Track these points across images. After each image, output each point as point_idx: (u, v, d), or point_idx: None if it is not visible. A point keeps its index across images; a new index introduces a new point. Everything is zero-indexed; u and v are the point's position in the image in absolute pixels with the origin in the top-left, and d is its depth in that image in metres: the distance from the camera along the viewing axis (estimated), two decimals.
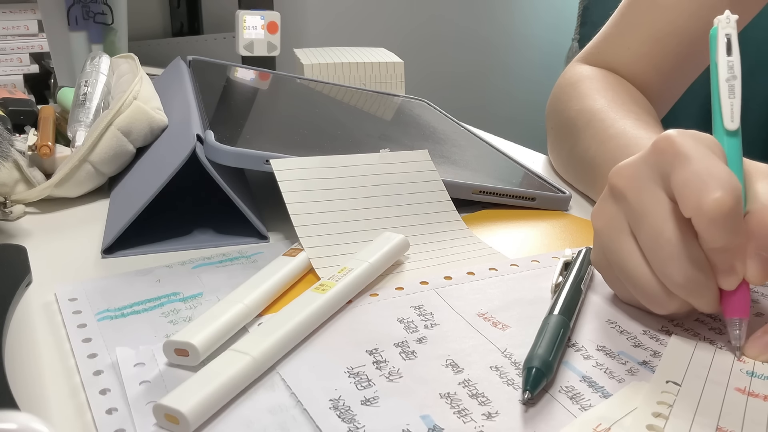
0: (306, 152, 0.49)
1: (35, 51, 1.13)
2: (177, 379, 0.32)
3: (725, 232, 0.31)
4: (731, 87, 0.34)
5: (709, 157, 0.32)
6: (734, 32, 0.35)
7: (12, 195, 0.53)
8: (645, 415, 0.29)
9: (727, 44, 0.35)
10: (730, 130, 0.35)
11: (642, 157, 0.35)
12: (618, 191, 0.36)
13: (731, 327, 0.34)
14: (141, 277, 0.42)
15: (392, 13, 1.77)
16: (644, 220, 0.34)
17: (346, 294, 0.39)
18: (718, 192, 0.31)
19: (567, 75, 0.66)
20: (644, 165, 0.35)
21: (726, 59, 0.35)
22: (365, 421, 0.29)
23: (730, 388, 0.31)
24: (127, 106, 0.56)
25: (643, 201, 0.34)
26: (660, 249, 0.33)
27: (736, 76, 0.34)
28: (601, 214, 0.37)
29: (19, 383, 0.33)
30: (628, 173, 0.35)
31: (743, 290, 0.33)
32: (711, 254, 0.33)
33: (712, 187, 0.31)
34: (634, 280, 0.35)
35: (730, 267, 0.33)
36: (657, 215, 0.33)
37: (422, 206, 0.50)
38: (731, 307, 0.34)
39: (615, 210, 0.36)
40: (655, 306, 0.35)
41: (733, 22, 0.35)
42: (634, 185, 0.35)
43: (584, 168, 0.57)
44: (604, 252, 0.37)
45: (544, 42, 1.95)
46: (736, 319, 0.34)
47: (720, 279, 0.33)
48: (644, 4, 0.63)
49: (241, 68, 0.78)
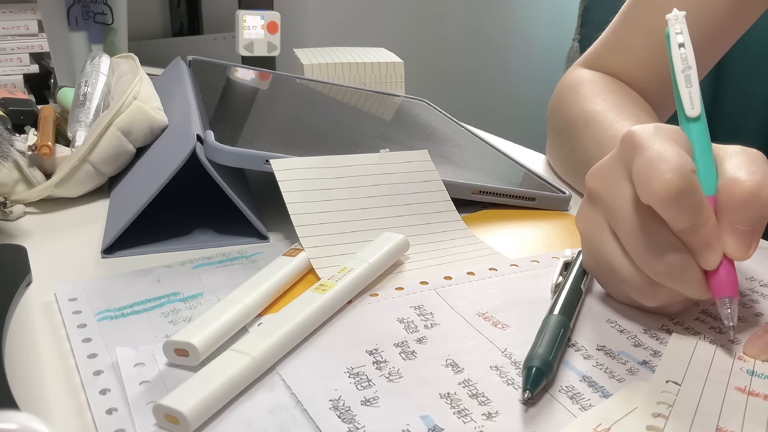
0: (306, 152, 0.49)
1: (35, 51, 1.13)
2: (177, 379, 0.32)
3: (683, 212, 0.32)
4: (687, 77, 0.36)
5: (662, 144, 0.33)
6: (684, 27, 0.36)
7: (12, 195, 0.53)
8: (645, 416, 0.29)
9: (680, 39, 0.36)
10: (692, 117, 0.36)
11: (612, 156, 0.36)
12: (594, 192, 0.37)
13: (721, 307, 0.34)
14: (141, 277, 0.42)
15: (392, 13, 1.77)
16: (619, 215, 0.35)
17: (346, 294, 0.39)
18: (667, 174, 0.31)
19: (567, 78, 0.66)
20: (614, 163, 0.36)
21: (679, 52, 0.36)
22: (365, 422, 0.29)
23: (730, 387, 0.31)
24: (127, 106, 0.56)
25: (616, 197, 0.35)
26: (636, 241, 0.34)
27: (691, 66, 0.36)
28: (582, 217, 0.38)
29: (19, 383, 0.33)
30: (601, 173, 0.36)
31: (727, 269, 0.34)
32: (682, 237, 0.33)
33: (662, 170, 0.31)
34: (620, 276, 0.35)
35: (705, 245, 0.33)
36: (629, 208, 0.34)
37: (422, 206, 0.50)
38: (718, 287, 0.34)
39: (594, 211, 0.37)
40: (644, 298, 0.35)
41: (681, 18, 0.36)
42: (607, 183, 0.36)
43: (583, 169, 0.57)
44: (591, 254, 0.38)
45: (544, 42, 1.95)
46: (726, 298, 0.34)
47: (699, 259, 0.33)
48: (645, 10, 0.63)
49: (241, 68, 0.78)
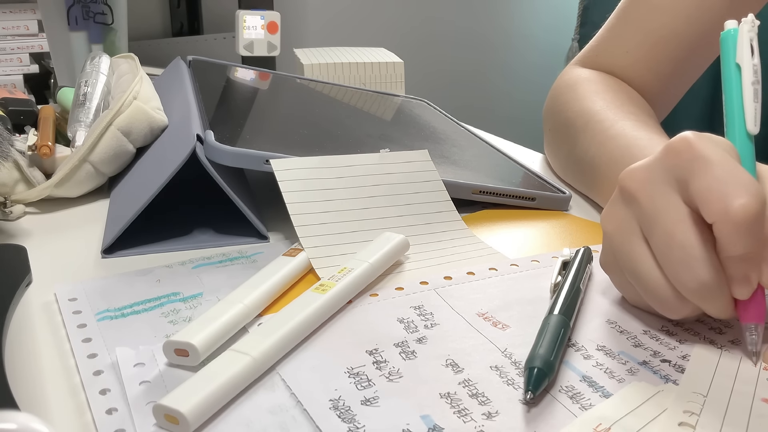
0: (306, 152, 0.49)
1: (35, 51, 1.13)
2: (177, 379, 0.32)
3: (748, 239, 0.31)
4: (756, 91, 0.34)
5: (730, 162, 0.32)
6: (756, 36, 0.34)
7: (12, 195, 0.53)
8: (671, 428, 0.29)
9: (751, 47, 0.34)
10: (753, 134, 0.34)
11: (656, 160, 0.34)
12: (630, 194, 0.35)
13: (747, 332, 0.33)
14: (141, 277, 0.42)
15: (392, 13, 1.77)
16: (657, 223, 0.33)
17: (346, 294, 0.39)
18: (744, 198, 0.30)
19: (565, 77, 0.66)
20: (659, 168, 0.34)
21: (751, 62, 0.34)
22: (365, 421, 0.29)
23: (756, 398, 0.31)
24: (127, 106, 0.56)
25: (657, 204, 0.33)
26: (673, 253, 0.32)
27: (759, 80, 0.34)
28: (612, 217, 0.36)
29: (19, 383, 0.33)
30: (641, 176, 0.35)
31: (759, 295, 0.33)
32: (727, 262, 0.32)
33: (738, 192, 0.30)
34: (645, 285, 0.34)
35: (745, 276, 0.32)
36: (671, 219, 0.33)
37: (422, 206, 0.50)
38: (747, 313, 0.33)
39: (626, 213, 0.35)
40: (667, 311, 0.35)
41: (756, 27, 0.34)
42: (647, 188, 0.34)
43: (583, 169, 0.57)
44: (615, 255, 0.36)
45: (544, 42, 1.95)
46: (752, 324, 0.33)
47: (734, 288, 0.33)
48: (641, 8, 0.63)
49: (241, 68, 0.78)
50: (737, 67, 0.35)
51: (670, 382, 0.32)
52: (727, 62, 0.35)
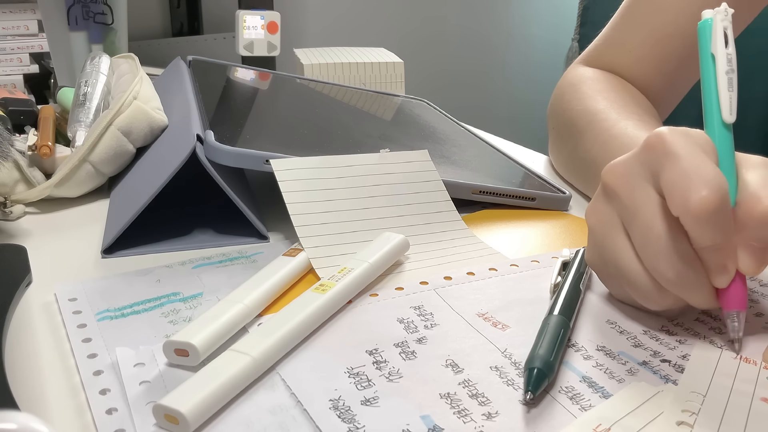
0: (306, 152, 0.49)
1: (35, 51, 1.13)
2: (177, 379, 0.32)
3: (712, 231, 0.32)
4: (730, 80, 0.34)
5: (697, 155, 0.32)
6: (730, 25, 0.34)
7: (12, 195, 0.53)
8: (670, 427, 0.29)
9: (725, 37, 0.34)
10: (728, 123, 0.35)
11: (633, 155, 0.35)
12: (610, 189, 0.36)
13: (729, 320, 0.34)
14: (141, 277, 0.42)
15: (392, 13, 1.77)
16: (636, 217, 0.34)
17: (346, 294, 0.39)
18: (704, 191, 0.31)
19: (568, 76, 0.66)
20: (636, 162, 0.35)
21: (725, 52, 0.34)
22: (365, 421, 0.29)
23: (756, 398, 0.31)
24: (127, 106, 0.56)
25: (635, 198, 0.34)
26: (650, 245, 0.33)
27: (734, 69, 0.34)
28: (595, 212, 0.37)
29: (19, 383, 0.33)
30: (620, 171, 0.36)
31: (739, 283, 0.33)
32: (701, 253, 0.33)
33: (699, 186, 0.31)
34: (626, 277, 0.35)
35: (721, 265, 0.33)
36: (648, 212, 0.34)
37: (422, 206, 0.50)
38: (728, 301, 0.34)
39: (608, 208, 0.36)
40: (647, 302, 0.35)
41: (729, 15, 0.35)
42: (626, 182, 0.35)
43: (585, 168, 0.57)
44: (598, 249, 0.37)
45: (544, 42, 1.95)
46: (734, 311, 0.34)
47: (712, 277, 0.34)
48: (644, 6, 0.63)
49: (241, 68, 0.78)
50: (712, 57, 0.35)
51: (670, 382, 0.32)
52: (704, 52, 0.35)
